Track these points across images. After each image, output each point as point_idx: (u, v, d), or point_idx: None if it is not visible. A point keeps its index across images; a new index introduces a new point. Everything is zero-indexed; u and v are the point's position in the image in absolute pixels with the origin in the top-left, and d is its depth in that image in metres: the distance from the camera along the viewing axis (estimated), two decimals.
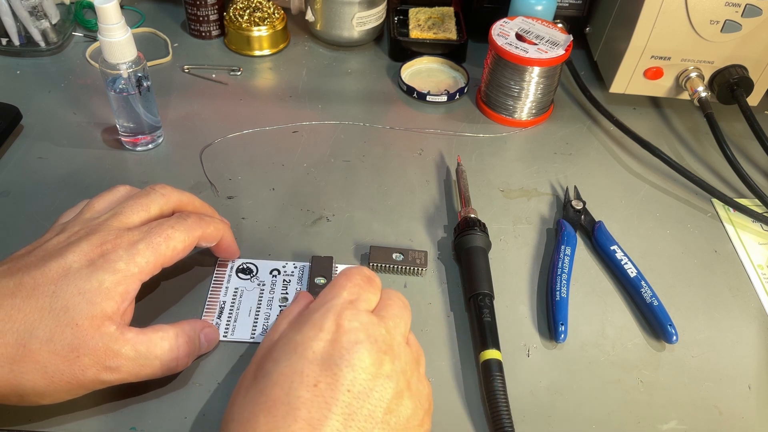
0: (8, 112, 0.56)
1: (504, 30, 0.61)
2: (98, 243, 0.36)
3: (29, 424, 0.38)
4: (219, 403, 0.40)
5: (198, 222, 0.41)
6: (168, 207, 0.41)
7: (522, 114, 0.63)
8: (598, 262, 0.51)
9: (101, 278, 0.35)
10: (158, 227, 0.38)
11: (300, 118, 0.62)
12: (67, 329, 0.34)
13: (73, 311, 0.34)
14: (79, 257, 0.35)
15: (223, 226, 0.43)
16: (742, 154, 0.63)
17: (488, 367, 0.41)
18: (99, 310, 0.34)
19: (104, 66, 0.51)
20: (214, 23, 0.70)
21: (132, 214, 0.39)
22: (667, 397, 0.43)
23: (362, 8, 0.68)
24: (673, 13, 0.57)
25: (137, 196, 0.40)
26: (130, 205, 0.39)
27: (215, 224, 0.42)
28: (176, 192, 0.42)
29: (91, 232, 0.37)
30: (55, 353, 0.33)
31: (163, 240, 0.38)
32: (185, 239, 0.39)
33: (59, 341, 0.33)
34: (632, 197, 0.57)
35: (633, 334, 0.46)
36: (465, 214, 0.51)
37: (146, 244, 0.37)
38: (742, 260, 0.52)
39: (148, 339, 0.36)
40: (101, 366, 0.35)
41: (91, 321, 0.34)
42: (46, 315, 0.34)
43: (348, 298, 0.36)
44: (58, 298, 0.34)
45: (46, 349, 0.33)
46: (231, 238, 0.45)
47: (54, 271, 0.35)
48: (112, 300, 0.35)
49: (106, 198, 0.41)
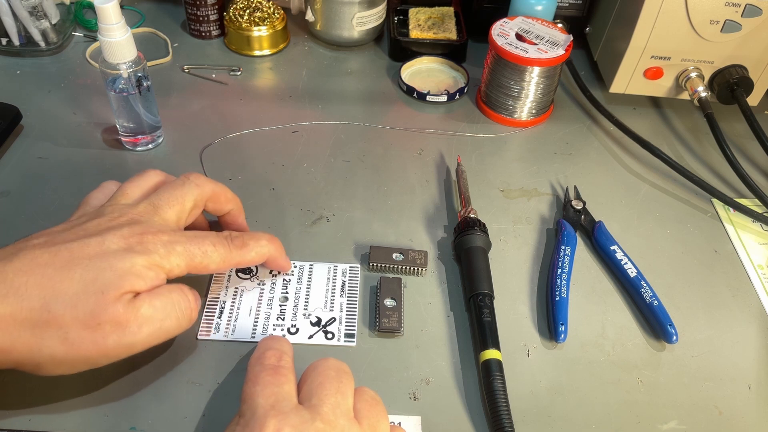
0: (8, 112, 0.56)
1: (504, 30, 0.61)
2: (139, 231, 0.37)
3: (29, 423, 0.38)
4: (219, 403, 0.40)
5: (239, 250, 0.40)
6: (202, 199, 0.42)
7: (522, 114, 0.63)
8: (598, 262, 0.51)
9: (135, 260, 0.35)
10: (201, 239, 0.39)
11: (300, 118, 0.62)
12: (92, 297, 0.34)
13: (101, 281, 0.34)
14: (119, 240, 0.36)
15: (267, 250, 0.43)
16: (742, 154, 0.63)
17: (488, 367, 0.41)
18: (128, 284, 0.35)
19: (104, 66, 0.51)
20: (214, 23, 0.70)
21: (168, 207, 0.39)
22: (667, 397, 0.43)
23: (362, 8, 0.68)
24: (673, 13, 0.57)
25: (172, 187, 0.41)
26: (165, 198, 0.40)
27: (258, 250, 0.42)
28: (210, 183, 0.42)
29: (133, 221, 0.38)
30: (78, 319, 0.34)
31: (200, 254, 0.38)
32: (220, 263, 0.39)
33: (83, 308, 0.34)
34: (632, 197, 0.57)
35: (633, 334, 0.46)
36: (465, 214, 0.51)
37: (183, 248, 0.38)
38: (742, 260, 0.52)
39: (159, 292, 0.37)
40: (123, 333, 0.35)
41: (116, 291, 0.34)
42: (75, 283, 0.34)
43: (266, 403, 0.32)
44: (90, 270, 0.34)
45: (69, 314, 0.33)
46: (277, 255, 0.44)
47: (92, 248, 0.35)
48: (141, 279, 0.35)
49: (139, 184, 0.41)
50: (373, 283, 0.48)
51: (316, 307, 0.46)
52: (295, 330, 0.44)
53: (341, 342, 0.44)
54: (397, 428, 0.36)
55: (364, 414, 0.34)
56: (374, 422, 0.34)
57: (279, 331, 0.44)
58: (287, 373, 0.35)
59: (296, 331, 0.44)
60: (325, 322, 0.45)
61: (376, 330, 0.44)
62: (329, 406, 0.32)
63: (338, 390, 0.34)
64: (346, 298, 0.46)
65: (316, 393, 0.33)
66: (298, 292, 0.46)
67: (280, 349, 0.37)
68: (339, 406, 0.33)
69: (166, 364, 0.41)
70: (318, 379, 0.34)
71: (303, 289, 0.47)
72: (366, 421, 0.33)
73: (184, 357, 0.42)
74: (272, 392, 0.33)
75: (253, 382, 0.34)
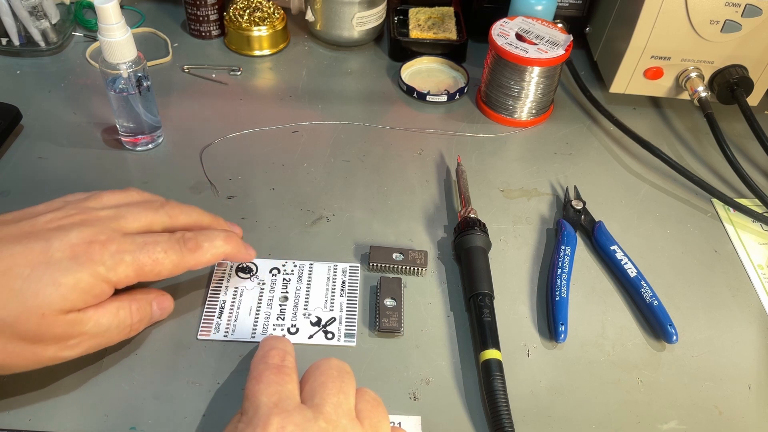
0: (8, 112, 0.56)
1: (504, 30, 0.61)
2: (88, 238, 0.35)
3: (29, 423, 0.38)
4: (219, 403, 0.40)
5: (192, 254, 0.39)
6: (172, 229, 0.40)
7: (522, 114, 0.63)
8: (598, 262, 0.51)
9: (79, 277, 0.34)
10: (152, 246, 0.37)
11: (300, 118, 0.62)
12: (33, 317, 0.33)
13: (42, 300, 0.33)
14: (64, 247, 0.35)
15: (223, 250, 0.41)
16: (742, 154, 0.63)
17: (488, 367, 0.41)
18: (69, 305, 0.34)
19: (104, 66, 0.51)
20: (214, 23, 0.70)
21: (133, 221, 0.38)
22: (667, 397, 0.43)
23: (362, 8, 0.68)
24: (673, 13, 0.57)
25: (145, 208, 0.39)
26: (134, 213, 0.39)
27: (213, 251, 0.40)
28: (183, 214, 0.41)
29: (85, 223, 0.36)
30: (18, 336, 0.33)
31: (150, 262, 0.37)
32: (172, 269, 0.38)
33: (23, 326, 0.33)
34: (632, 197, 0.57)
35: (633, 334, 0.46)
36: (465, 214, 0.51)
37: (132, 258, 0.36)
38: (742, 260, 0.52)
39: (107, 311, 0.36)
40: (63, 346, 0.35)
41: (58, 313, 0.34)
42: (14, 297, 0.33)
43: (269, 401, 0.32)
44: (31, 283, 0.33)
45: (9, 331, 0.33)
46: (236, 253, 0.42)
47: (35, 254, 0.34)
48: (86, 296, 0.35)
49: (117, 196, 0.40)
50: (373, 283, 0.48)
51: (316, 307, 0.46)
52: (295, 330, 0.44)
53: (341, 342, 0.44)
54: (397, 429, 0.36)
55: (366, 414, 0.34)
56: (376, 423, 0.33)
57: (279, 331, 0.44)
58: (290, 372, 0.35)
59: (296, 331, 0.44)
60: (325, 321, 0.45)
61: (376, 330, 0.44)
62: (332, 405, 0.32)
63: (340, 390, 0.33)
64: (346, 298, 0.46)
65: (318, 392, 0.33)
66: (298, 291, 0.46)
67: (283, 348, 0.37)
68: (341, 405, 0.33)
69: (166, 364, 0.41)
70: (320, 378, 0.34)
71: (303, 289, 0.47)
72: (368, 421, 0.33)
73: (184, 357, 0.42)
74: (275, 391, 0.33)
75: (256, 380, 0.34)
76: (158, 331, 0.43)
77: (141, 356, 0.42)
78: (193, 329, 0.43)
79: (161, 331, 0.43)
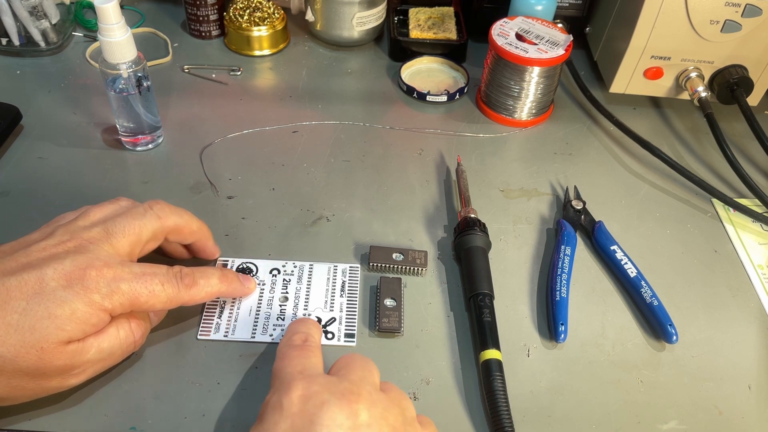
0: (8, 112, 0.56)
1: (504, 30, 0.61)
2: (82, 266, 0.35)
3: (29, 423, 0.38)
4: (219, 403, 0.40)
5: (188, 290, 0.39)
6: (162, 232, 0.40)
7: (522, 114, 0.63)
8: (598, 262, 0.51)
9: (75, 307, 0.34)
10: (150, 277, 0.37)
11: (300, 118, 0.62)
12: (32, 351, 0.33)
13: (40, 334, 0.33)
14: (59, 275, 0.34)
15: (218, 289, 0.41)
16: (742, 154, 0.63)
17: (488, 367, 0.41)
18: (66, 336, 0.34)
19: (104, 66, 0.51)
20: (214, 23, 0.70)
21: (122, 237, 0.38)
22: (667, 397, 0.43)
23: (362, 8, 0.68)
24: (673, 13, 0.57)
25: (132, 216, 0.39)
26: (121, 226, 0.38)
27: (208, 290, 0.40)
28: (173, 215, 0.41)
29: (79, 250, 0.36)
30: (20, 370, 0.33)
31: (146, 293, 0.37)
32: (166, 303, 0.38)
33: (24, 361, 0.33)
34: (632, 197, 0.57)
35: (633, 334, 0.46)
36: (465, 214, 0.51)
37: (129, 287, 0.36)
38: (742, 260, 0.52)
39: (108, 335, 0.36)
40: (67, 376, 0.35)
41: (56, 346, 0.34)
42: (12, 332, 0.33)
43: (294, 371, 0.35)
44: (28, 317, 0.33)
45: (10, 366, 0.33)
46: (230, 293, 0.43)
47: (29, 285, 0.34)
48: (83, 325, 0.35)
49: (104, 209, 0.40)
50: (373, 283, 0.48)
51: (316, 307, 0.46)
52: None
53: (341, 342, 0.44)
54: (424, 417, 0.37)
55: (390, 390, 0.36)
56: (399, 399, 0.35)
57: (279, 331, 0.44)
58: (314, 348, 0.38)
59: None
60: (325, 322, 0.45)
61: (376, 330, 0.44)
62: (357, 376, 0.35)
63: (365, 368, 0.36)
64: (346, 298, 0.46)
65: (343, 368, 0.35)
66: (298, 292, 0.46)
67: (306, 331, 0.39)
68: (366, 378, 0.35)
69: (166, 364, 0.41)
70: (345, 361, 0.36)
71: (303, 289, 0.47)
72: (392, 393, 0.35)
73: (184, 357, 0.42)
74: (299, 362, 0.36)
75: (281, 359, 0.37)
76: (158, 331, 0.43)
77: (141, 356, 0.42)
78: (193, 329, 0.43)
79: (161, 331, 0.43)
